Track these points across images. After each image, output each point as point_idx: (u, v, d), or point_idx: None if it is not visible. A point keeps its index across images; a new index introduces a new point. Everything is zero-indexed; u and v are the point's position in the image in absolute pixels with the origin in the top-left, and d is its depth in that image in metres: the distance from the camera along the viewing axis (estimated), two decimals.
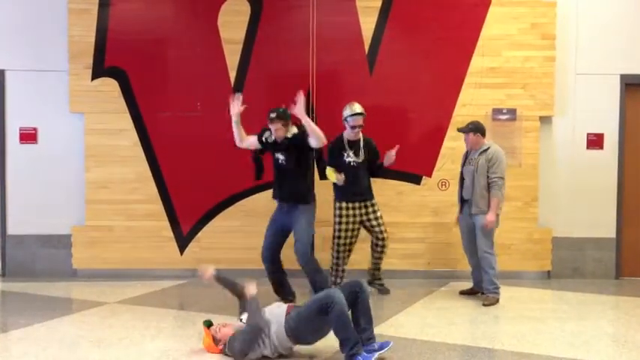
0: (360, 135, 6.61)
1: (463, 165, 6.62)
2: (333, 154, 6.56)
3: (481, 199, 6.32)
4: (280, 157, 6.12)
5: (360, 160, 6.55)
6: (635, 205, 7.74)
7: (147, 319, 5.72)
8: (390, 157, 6.55)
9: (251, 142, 6.26)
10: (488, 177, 6.30)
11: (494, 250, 6.40)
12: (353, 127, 6.49)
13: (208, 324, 4.78)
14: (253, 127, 6.28)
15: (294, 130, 6.07)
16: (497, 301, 6.35)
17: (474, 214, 6.35)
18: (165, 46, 7.57)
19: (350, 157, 6.53)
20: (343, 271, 6.73)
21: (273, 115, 5.97)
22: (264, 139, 6.18)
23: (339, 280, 6.72)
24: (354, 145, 6.57)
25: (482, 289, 6.55)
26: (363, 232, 6.74)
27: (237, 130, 6.16)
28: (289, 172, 6.10)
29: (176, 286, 7.17)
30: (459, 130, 6.57)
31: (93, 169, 7.55)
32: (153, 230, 7.58)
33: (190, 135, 7.52)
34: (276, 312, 4.64)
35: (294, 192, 6.12)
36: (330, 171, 6.43)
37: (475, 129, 6.44)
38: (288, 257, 6.35)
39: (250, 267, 7.16)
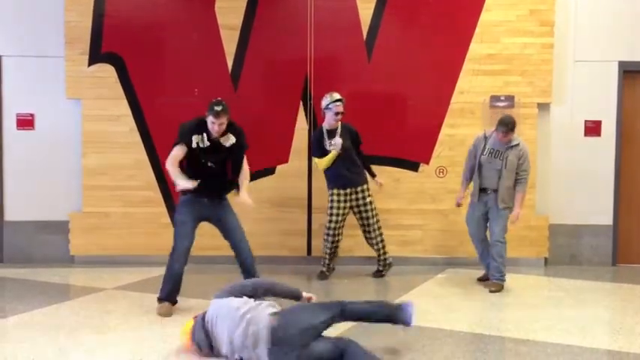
0: (338, 124, 6.66)
1: (482, 153, 6.42)
2: (315, 145, 6.68)
3: (508, 195, 6.33)
4: (210, 162, 5.45)
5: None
6: (632, 193, 7.76)
7: (145, 305, 5.73)
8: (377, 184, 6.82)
9: (178, 156, 5.49)
10: (517, 174, 6.30)
11: (505, 238, 6.41)
12: (337, 114, 6.55)
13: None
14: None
15: (231, 137, 5.53)
16: (502, 287, 6.38)
17: (501, 208, 6.33)
18: (162, 31, 7.53)
19: (331, 146, 6.59)
20: (332, 259, 6.83)
21: (219, 108, 5.28)
22: (195, 144, 5.39)
23: (327, 271, 6.81)
24: (331, 133, 6.63)
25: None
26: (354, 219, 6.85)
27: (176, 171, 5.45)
28: (217, 174, 5.54)
29: None
30: (506, 127, 6.18)
31: (90, 155, 7.54)
32: (150, 217, 7.58)
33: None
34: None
35: (221, 189, 5.67)
36: (318, 160, 6.63)
37: (514, 128, 6.25)
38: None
39: None
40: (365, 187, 6.71)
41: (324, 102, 6.60)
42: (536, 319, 5.41)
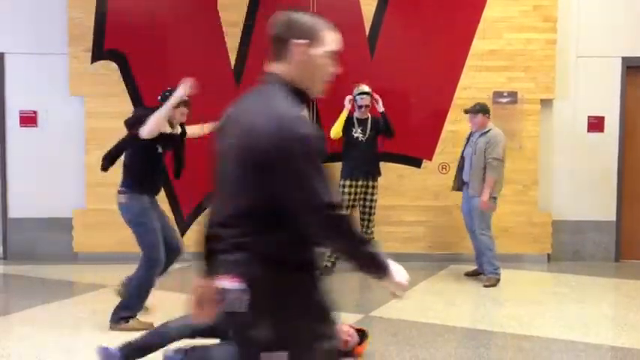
0: (369, 114, 6.78)
1: (465, 147, 6.61)
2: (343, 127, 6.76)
3: (477, 181, 6.32)
4: (160, 150, 5.31)
5: (366, 137, 6.71)
6: (635, 188, 7.74)
7: (148, 302, 5.72)
8: (377, 102, 6.74)
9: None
10: (485, 158, 6.28)
11: (491, 231, 6.40)
12: (360, 107, 6.70)
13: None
14: None
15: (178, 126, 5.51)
16: (497, 281, 6.37)
17: (470, 196, 6.38)
18: (165, 28, 7.52)
19: (357, 133, 6.72)
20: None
21: (186, 98, 5.34)
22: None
23: (332, 266, 6.79)
24: (362, 122, 6.75)
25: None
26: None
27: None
28: (161, 166, 5.42)
29: (177, 270, 7.16)
30: (466, 111, 6.51)
31: (93, 152, 7.52)
32: None
33: (191, 117, 7.48)
34: None
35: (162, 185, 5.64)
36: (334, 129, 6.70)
37: (482, 110, 6.42)
38: None
39: None
40: (376, 183, 6.77)
41: (353, 93, 6.74)
42: (540, 315, 5.41)
